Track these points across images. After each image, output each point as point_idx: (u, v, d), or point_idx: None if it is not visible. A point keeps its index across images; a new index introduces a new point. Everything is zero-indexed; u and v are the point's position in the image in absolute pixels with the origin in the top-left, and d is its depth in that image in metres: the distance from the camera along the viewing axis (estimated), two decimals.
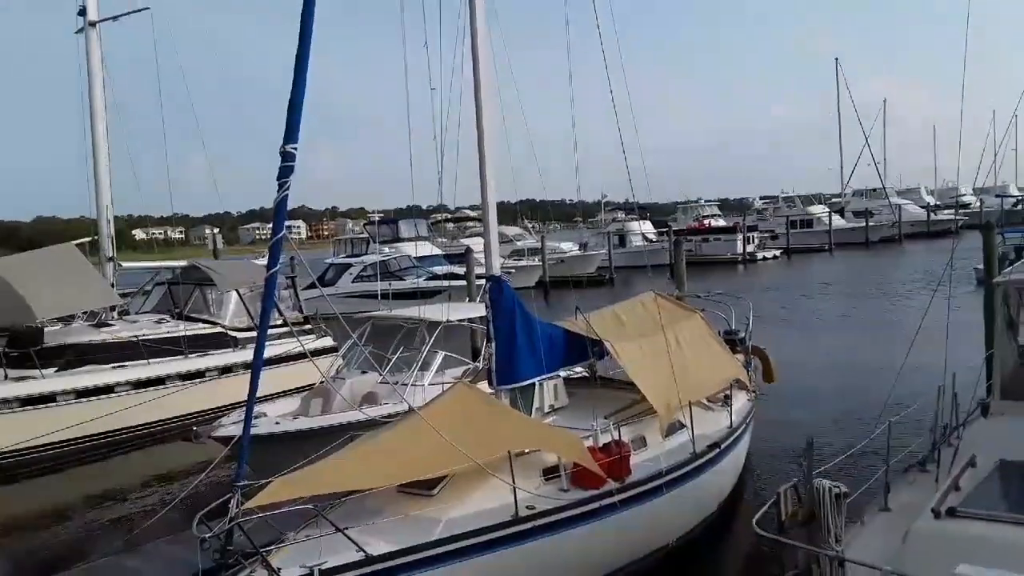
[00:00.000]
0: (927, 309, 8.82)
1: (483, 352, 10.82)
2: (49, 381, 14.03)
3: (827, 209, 64.48)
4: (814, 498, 5.61)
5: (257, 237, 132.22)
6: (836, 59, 70.76)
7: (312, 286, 25.36)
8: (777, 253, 55.94)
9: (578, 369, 10.87)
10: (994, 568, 4.35)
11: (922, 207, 70.24)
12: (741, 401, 10.48)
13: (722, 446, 8.95)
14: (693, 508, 8.61)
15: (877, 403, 8.56)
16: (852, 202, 70.07)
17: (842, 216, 65.43)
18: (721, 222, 61.36)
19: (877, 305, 28.46)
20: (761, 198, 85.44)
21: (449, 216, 53.52)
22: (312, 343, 16.65)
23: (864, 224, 61.25)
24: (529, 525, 6.67)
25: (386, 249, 37.32)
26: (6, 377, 13.79)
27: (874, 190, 71.10)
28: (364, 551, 5.75)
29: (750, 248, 54.13)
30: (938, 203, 76.49)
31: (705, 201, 68.47)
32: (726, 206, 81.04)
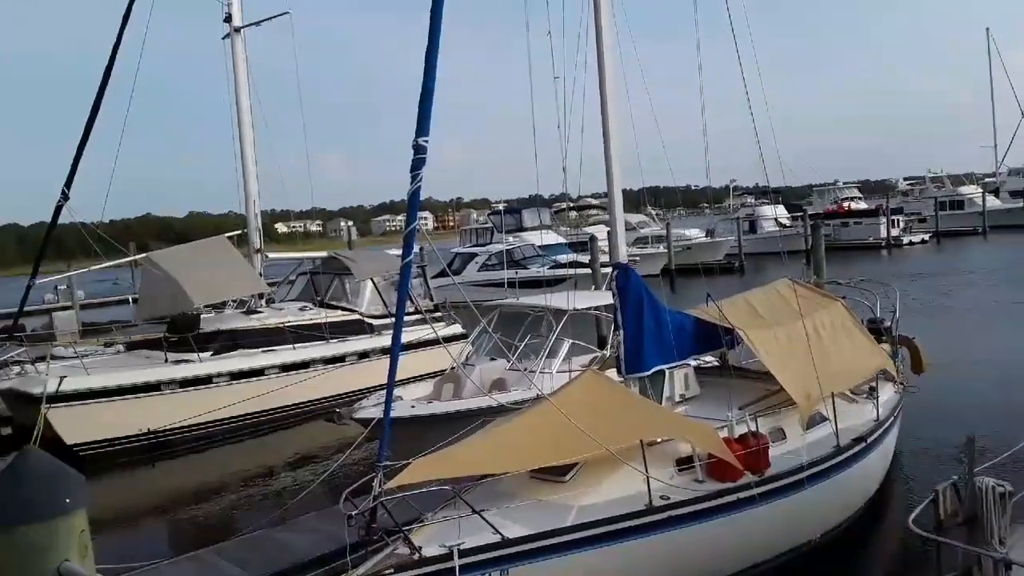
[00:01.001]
0: None
1: (610, 340, 10.74)
2: (205, 364, 15.14)
3: (980, 189, 59.57)
4: (976, 497, 5.26)
5: (388, 228, 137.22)
6: (987, 29, 65.19)
7: (442, 274, 26.05)
8: (925, 237, 52.19)
9: (709, 358, 10.61)
10: None
11: None
12: (888, 393, 9.91)
13: (868, 440, 8.50)
14: (838, 503, 8.24)
15: None
16: (1008, 181, 64.28)
17: (997, 197, 60.22)
18: (862, 204, 57.95)
19: None
20: (905, 179, 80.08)
21: (572, 204, 53.43)
22: (443, 330, 17.10)
23: (1022, 205, 56.12)
24: (665, 515, 6.58)
25: (510, 238, 37.73)
26: (167, 360, 15.00)
27: None
28: (501, 533, 5.86)
29: (895, 232, 50.76)
30: None
31: (843, 183, 64.85)
32: (866, 188, 76.53)
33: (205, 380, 14.98)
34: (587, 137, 9.19)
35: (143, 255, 18.49)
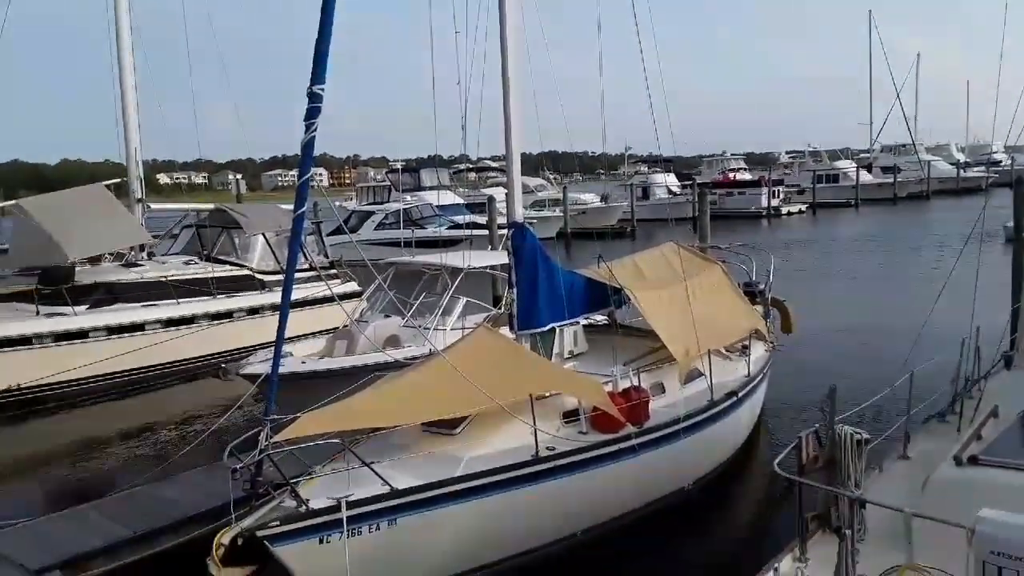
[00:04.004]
0: (955, 263, 8.77)
1: (504, 298, 10.92)
2: (81, 318, 14.33)
3: (854, 164, 63.33)
4: (835, 443, 5.66)
5: (279, 184, 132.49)
6: (870, 11, 69.02)
7: (338, 231, 25.49)
8: (802, 208, 55.13)
9: (598, 317, 10.95)
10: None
11: (951, 164, 68.87)
12: (759, 351, 10.55)
13: (739, 394, 9.05)
14: (710, 453, 8.76)
15: (900, 355, 8.55)
16: (880, 158, 68.86)
17: (869, 172, 64.27)
18: (746, 176, 60.48)
19: (903, 260, 28.21)
20: (787, 152, 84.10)
21: (471, 166, 53.17)
22: (338, 287, 16.83)
23: (892, 180, 60.14)
24: (549, 465, 6.82)
25: (408, 197, 37.26)
26: (38, 313, 14.11)
27: (903, 146, 69.71)
28: (390, 484, 5.93)
29: (775, 202, 53.31)
30: (968, 160, 74.91)
31: (731, 154, 67.47)
32: (752, 160, 79.92)
33: (80, 334, 14.20)
34: (488, 98, 9.18)
35: (12, 202, 17.18)
